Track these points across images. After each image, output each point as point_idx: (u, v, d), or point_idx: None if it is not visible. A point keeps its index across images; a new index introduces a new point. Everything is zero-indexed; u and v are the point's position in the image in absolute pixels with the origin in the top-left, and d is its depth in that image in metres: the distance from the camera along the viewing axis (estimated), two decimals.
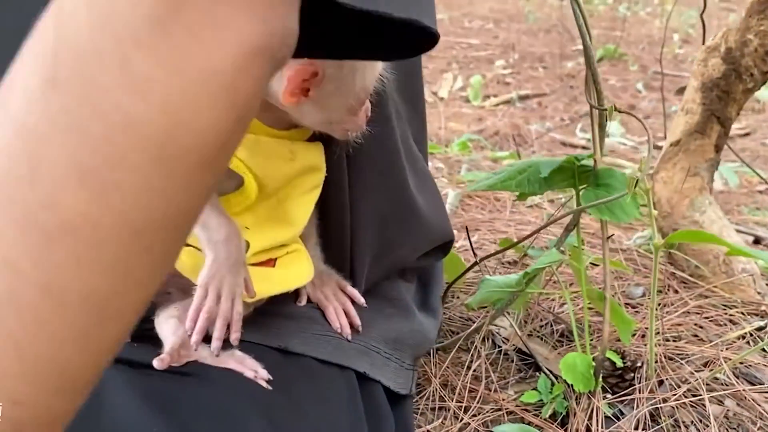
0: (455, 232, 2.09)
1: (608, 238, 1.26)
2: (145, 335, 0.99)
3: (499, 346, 1.48)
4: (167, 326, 0.98)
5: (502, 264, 1.80)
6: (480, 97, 4.35)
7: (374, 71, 0.93)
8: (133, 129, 0.44)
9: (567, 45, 5.56)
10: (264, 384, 0.96)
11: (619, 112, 1.20)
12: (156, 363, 0.92)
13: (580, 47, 5.60)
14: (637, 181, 1.08)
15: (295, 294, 1.13)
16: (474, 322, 1.52)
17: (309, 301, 1.13)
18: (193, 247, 0.95)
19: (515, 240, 1.53)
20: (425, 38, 0.75)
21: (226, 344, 0.99)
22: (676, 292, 1.66)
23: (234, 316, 0.93)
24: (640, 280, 1.74)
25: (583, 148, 3.55)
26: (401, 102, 1.19)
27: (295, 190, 1.03)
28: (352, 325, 1.11)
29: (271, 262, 1.05)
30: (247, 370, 0.96)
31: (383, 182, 1.14)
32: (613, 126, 3.79)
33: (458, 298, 1.64)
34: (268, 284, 1.01)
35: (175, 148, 0.46)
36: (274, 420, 0.92)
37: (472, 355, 1.42)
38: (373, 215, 1.14)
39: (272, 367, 0.99)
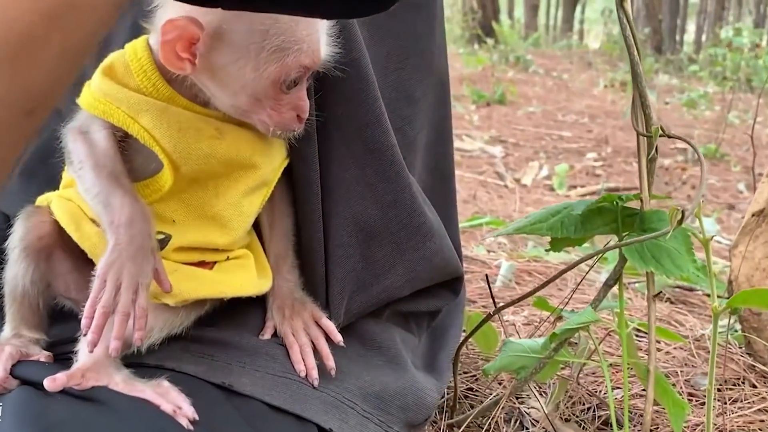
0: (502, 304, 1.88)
1: (655, 296, 1.02)
2: (69, 357, 0.83)
3: (527, 428, 1.24)
4: (84, 345, 0.81)
5: (537, 329, 1.56)
6: (565, 186, 4.14)
7: (278, 64, 0.78)
8: None
9: (666, 143, 5.29)
10: (185, 423, 0.77)
11: (669, 136, 0.99)
12: (46, 383, 0.76)
13: (680, 145, 5.33)
14: (683, 214, 0.86)
15: (261, 324, 0.95)
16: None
17: (276, 335, 0.94)
18: None
19: (557, 309, 1.31)
20: None
21: (151, 371, 0.83)
22: (754, 386, 1.39)
23: (137, 312, 0.77)
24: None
25: None
26: None
27: (235, 186, 0.88)
28: (323, 368, 0.92)
29: (207, 265, 0.89)
30: (166, 404, 0.77)
31: (371, 186, 0.96)
32: (708, 222, 3.49)
33: (474, 370, 1.41)
34: (194, 284, 0.86)
35: None
36: None
37: None
38: (355, 227, 0.96)
39: (206, 406, 0.81)
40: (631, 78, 1.03)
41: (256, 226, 0.98)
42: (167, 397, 0.79)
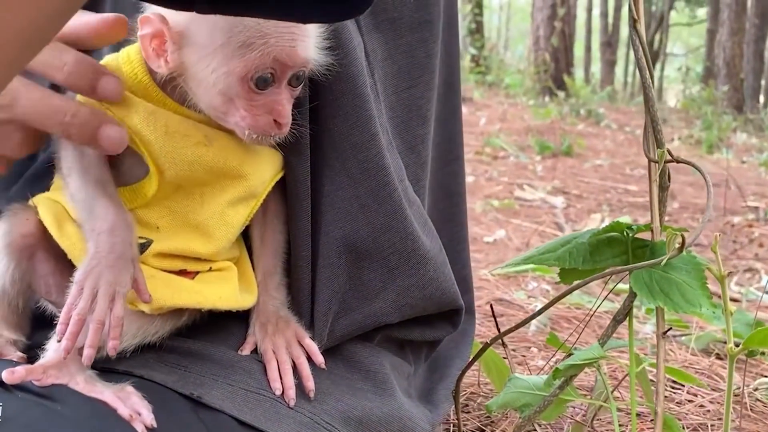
0: (534, 349, 1.81)
1: (664, 333, 0.96)
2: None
3: None
4: (54, 343, 0.80)
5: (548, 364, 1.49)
6: None
7: (241, 59, 0.77)
8: None
9: (736, 200, 5.11)
10: (140, 429, 0.75)
11: (677, 161, 0.94)
12: (4, 375, 0.75)
13: (751, 203, 5.14)
14: (684, 239, 0.80)
15: (242, 341, 0.93)
16: None
17: (257, 352, 0.92)
18: None
19: (563, 345, 1.25)
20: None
21: (119, 377, 0.81)
22: None
23: (112, 321, 0.76)
24: (749, 425, 1.37)
25: (735, 300, 3.10)
26: (401, 144, 1.01)
27: (221, 195, 0.87)
28: (302, 389, 0.89)
29: (189, 275, 0.88)
30: (123, 408, 0.75)
31: (364, 207, 0.94)
32: None
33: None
34: (171, 291, 0.84)
35: None
36: None
37: None
38: (345, 247, 0.93)
39: (169, 415, 0.79)
40: (643, 104, 0.98)
41: (248, 240, 0.96)
42: (127, 401, 0.77)
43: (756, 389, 1.57)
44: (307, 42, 0.80)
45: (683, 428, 1.33)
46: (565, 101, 9.00)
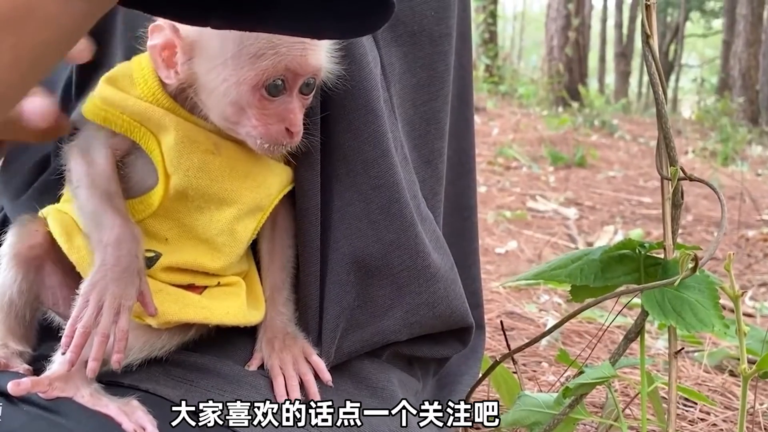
0: (545, 364, 1.79)
1: (677, 353, 0.95)
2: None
3: None
4: (60, 355, 0.80)
5: (559, 381, 1.47)
6: None
7: (253, 67, 0.77)
8: None
9: (751, 213, 5.08)
10: None
11: (690, 179, 0.93)
12: (10, 386, 0.75)
13: (766, 217, 5.10)
14: (697, 260, 0.79)
15: (249, 356, 0.92)
16: None
17: (263, 367, 0.91)
18: None
19: (574, 362, 1.24)
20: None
21: (125, 391, 0.80)
22: None
23: (117, 334, 0.76)
24: None
25: (749, 315, 3.07)
26: (418, 159, 1.01)
27: (228, 209, 0.86)
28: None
29: (197, 289, 0.87)
30: (128, 423, 0.75)
31: (374, 223, 0.93)
32: None
33: None
34: (178, 306, 0.84)
35: None
36: None
37: None
38: (354, 264, 0.93)
39: (173, 430, 0.78)
40: (657, 120, 0.97)
41: (256, 255, 0.96)
42: (132, 416, 0.76)
43: None
44: (318, 50, 0.80)
45: None
46: (578, 112, 8.97)
